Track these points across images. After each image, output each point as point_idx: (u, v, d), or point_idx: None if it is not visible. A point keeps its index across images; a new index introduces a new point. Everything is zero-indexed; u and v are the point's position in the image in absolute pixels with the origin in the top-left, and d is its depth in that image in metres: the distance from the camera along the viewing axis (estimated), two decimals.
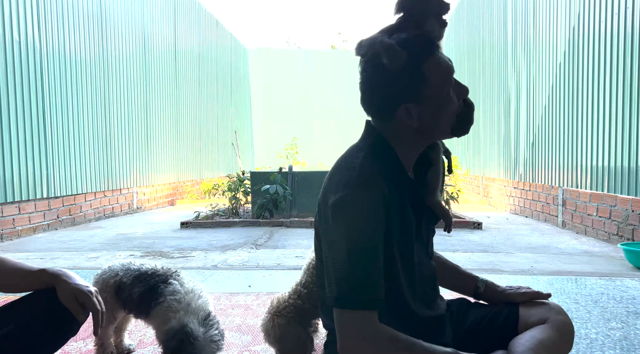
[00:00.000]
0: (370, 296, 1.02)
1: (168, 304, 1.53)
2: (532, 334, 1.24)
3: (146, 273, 1.64)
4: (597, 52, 4.76)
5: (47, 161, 5.20)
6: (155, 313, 1.56)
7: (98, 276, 1.72)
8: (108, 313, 1.66)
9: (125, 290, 1.63)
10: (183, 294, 1.55)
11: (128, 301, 1.63)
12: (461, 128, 1.15)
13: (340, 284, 1.03)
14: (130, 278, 1.64)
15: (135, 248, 4.25)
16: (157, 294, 1.56)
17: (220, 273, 3.25)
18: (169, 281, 1.60)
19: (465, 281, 1.43)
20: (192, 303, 1.53)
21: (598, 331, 2.09)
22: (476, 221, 5.57)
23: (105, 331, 1.72)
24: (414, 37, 1.08)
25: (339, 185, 1.07)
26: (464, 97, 1.14)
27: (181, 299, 1.53)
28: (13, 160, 4.70)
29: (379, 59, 1.06)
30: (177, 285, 1.57)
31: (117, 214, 6.73)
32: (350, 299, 1.02)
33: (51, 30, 5.32)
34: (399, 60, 1.04)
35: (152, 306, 1.56)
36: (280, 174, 6.01)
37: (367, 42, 1.11)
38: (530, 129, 6.52)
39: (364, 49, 1.11)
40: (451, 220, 1.29)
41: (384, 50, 1.05)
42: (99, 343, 1.73)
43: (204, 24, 10.78)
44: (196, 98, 10.10)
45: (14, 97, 4.73)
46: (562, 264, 3.57)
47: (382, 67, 1.07)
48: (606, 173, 4.58)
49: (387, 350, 1.03)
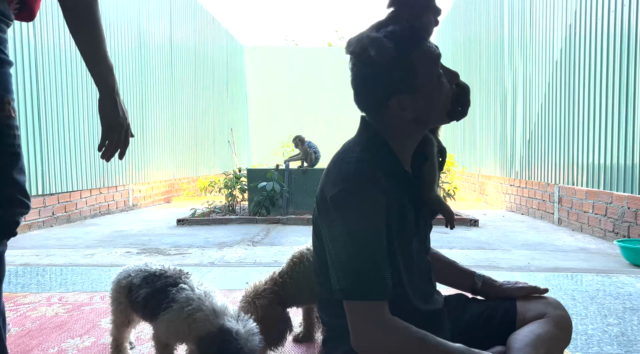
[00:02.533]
0: (379, 286, 1.02)
1: (185, 310, 1.43)
2: (530, 329, 1.24)
3: (154, 275, 1.56)
4: (593, 49, 4.77)
5: (42, 157, 5.17)
6: (164, 319, 1.46)
7: (115, 278, 1.67)
8: (122, 315, 1.64)
9: (134, 292, 1.56)
10: (200, 299, 1.45)
11: (135, 303, 1.56)
12: (459, 112, 1.15)
13: (348, 277, 1.02)
14: (139, 279, 1.57)
15: (132, 245, 4.23)
16: (166, 298, 1.47)
17: (217, 269, 3.24)
18: (179, 284, 1.50)
19: (462, 277, 1.43)
20: (215, 306, 1.44)
21: (595, 327, 2.10)
22: (472, 218, 5.59)
23: (120, 333, 1.68)
24: (400, 29, 1.08)
25: (337, 180, 1.07)
26: (456, 81, 1.14)
27: (201, 304, 1.44)
28: None
29: (367, 53, 1.07)
30: (189, 291, 1.47)
31: (112, 211, 6.70)
32: (359, 290, 1.02)
33: (45, 25, 5.28)
34: (385, 53, 1.05)
35: (161, 309, 1.46)
36: (276, 171, 6.00)
37: (355, 39, 1.12)
38: (527, 127, 6.53)
39: (353, 46, 1.11)
40: (453, 215, 1.29)
41: (370, 44, 1.06)
42: (114, 345, 1.68)
43: (200, 21, 10.74)
44: (192, 95, 10.07)
45: None
46: (559, 261, 3.59)
47: (370, 62, 1.07)
48: (602, 170, 4.60)
49: (401, 341, 1.02)
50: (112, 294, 1.66)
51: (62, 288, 2.76)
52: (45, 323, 2.14)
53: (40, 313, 2.27)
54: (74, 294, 2.60)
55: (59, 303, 2.44)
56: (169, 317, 1.45)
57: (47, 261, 3.52)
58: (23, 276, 3.06)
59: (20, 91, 4.85)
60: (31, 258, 3.62)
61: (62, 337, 1.98)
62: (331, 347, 1.25)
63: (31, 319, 2.18)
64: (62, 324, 2.13)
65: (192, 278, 1.56)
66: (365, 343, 1.04)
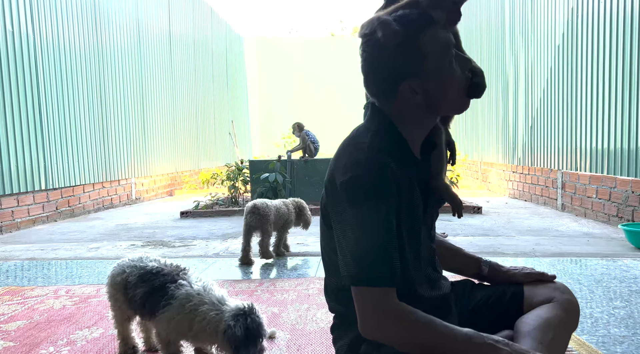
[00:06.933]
0: (388, 273, 1.02)
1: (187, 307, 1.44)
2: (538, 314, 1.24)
3: (151, 272, 1.54)
4: (596, 33, 4.72)
5: (44, 152, 5.17)
6: (164, 316, 1.46)
7: (109, 273, 1.66)
8: (121, 312, 1.65)
9: (130, 289, 1.55)
10: (200, 294, 1.46)
11: (132, 302, 1.55)
12: (474, 95, 1.14)
13: (357, 263, 1.02)
14: (135, 277, 1.55)
15: (136, 238, 4.24)
16: (165, 295, 1.47)
17: (222, 260, 3.25)
18: (177, 281, 1.49)
19: (468, 263, 1.43)
20: (216, 297, 1.46)
21: (602, 310, 2.10)
22: (476, 206, 5.58)
23: (124, 327, 1.68)
24: (410, 13, 1.07)
25: (347, 166, 1.06)
26: (469, 67, 1.13)
27: (203, 299, 1.45)
28: (10, 152, 4.67)
29: (376, 36, 1.06)
30: (188, 287, 1.47)
31: (115, 205, 6.71)
32: (368, 276, 1.01)
33: (44, 19, 5.25)
34: (393, 35, 1.04)
35: (160, 306, 1.46)
36: (279, 162, 5.99)
37: (366, 22, 1.11)
38: (529, 113, 6.49)
39: (364, 29, 1.10)
40: (461, 204, 1.27)
41: (379, 26, 1.05)
42: (120, 338, 1.70)
43: (199, 12, 10.66)
44: (192, 88, 10.03)
45: (8, 89, 4.68)
46: (563, 246, 3.58)
47: (379, 45, 1.06)
48: (606, 155, 4.58)
49: (409, 327, 1.03)
50: (108, 290, 1.65)
51: (68, 281, 2.77)
52: (53, 315, 2.15)
53: (48, 306, 2.28)
54: (81, 286, 2.61)
55: (66, 295, 2.45)
56: (169, 314, 1.46)
57: (53, 255, 3.53)
58: (29, 270, 3.07)
59: (21, 86, 4.84)
60: (37, 252, 3.64)
61: (70, 329, 1.99)
62: (339, 334, 1.25)
63: (39, 312, 2.19)
64: (70, 316, 2.14)
65: (190, 274, 1.55)
66: (373, 328, 1.05)
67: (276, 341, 1.80)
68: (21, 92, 4.84)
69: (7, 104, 4.65)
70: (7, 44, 4.69)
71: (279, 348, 1.75)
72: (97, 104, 6.29)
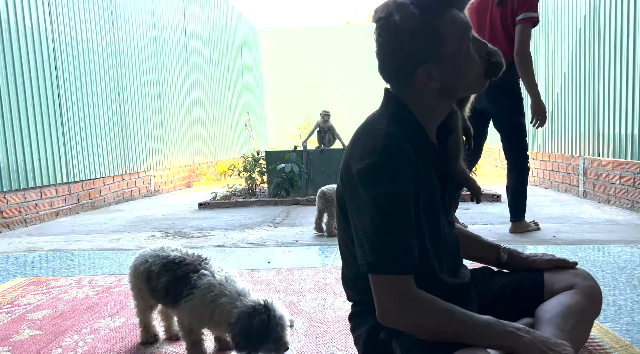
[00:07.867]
0: (406, 261, 1.00)
1: (208, 296, 1.45)
2: (559, 300, 1.22)
3: (173, 262, 1.57)
4: (619, 15, 4.57)
5: (65, 146, 5.26)
6: (186, 305, 1.48)
7: (132, 263, 1.69)
8: (143, 300, 1.68)
9: (153, 279, 1.58)
10: (222, 284, 1.47)
11: (155, 291, 1.59)
12: (493, 75, 1.13)
13: (375, 251, 1.01)
14: (158, 266, 1.58)
15: (156, 229, 4.30)
16: (187, 284, 1.49)
17: (240, 250, 3.28)
18: (200, 271, 1.51)
19: (487, 251, 1.41)
20: (238, 289, 1.47)
21: (626, 297, 2.06)
22: (495, 194, 5.51)
23: (146, 316, 1.72)
24: None
25: (363, 153, 1.05)
26: (486, 51, 1.10)
27: (224, 289, 1.46)
28: (32, 147, 4.77)
29: (393, 20, 1.03)
30: (210, 277, 1.49)
31: (135, 197, 6.81)
32: (386, 264, 1.00)
33: (62, 15, 5.31)
34: (411, 18, 1.02)
35: (182, 296, 1.49)
36: (294, 152, 6.00)
37: (381, 6, 1.09)
38: (549, 98, 6.36)
39: (379, 12, 1.08)
40: (479, 190, 1.26)
41: (396, 9, 1.03)
42: (142, 326, 1.74)
43: (213, 3, 10.66)
44: (208, 80, 10.07)
45: (29, 85, 4.76)
46: (586, 233, 3.52)
47: (395, 29, 1.04)
48: (629, 140, 4.46)
49: (428, 314, 1.02)
50: (130, 280, 1.69)
51: (91, 272, 2.83)
52: (77, 304, 2.21)
53: (72, 295, 2.34)
54: (103, 277, 2.67)
55: (89, 285, 2.50)
56: (191, 303, 1.48)
57: (76, 246, 3.61)
58: (53, 261, 3.15)
59: (42, 82, 4.92)
60: (60, 244, 3.72)
61: (93, 318, 2.04)
62: (357, 322, 1.25)
63: (63, 302, 2.25)
64: (93, 305, 2.19)
65: (211, 264, 1.57)
66: (392, 316, 1.04)
67: (294, 329, 1.81)
68: (42, 89, 4.92)
69: (29, 101, 4.75)
70: (27, 40, 4.76)
71: (297, 336, 1.76)
72: (116, 99, 6.36)
